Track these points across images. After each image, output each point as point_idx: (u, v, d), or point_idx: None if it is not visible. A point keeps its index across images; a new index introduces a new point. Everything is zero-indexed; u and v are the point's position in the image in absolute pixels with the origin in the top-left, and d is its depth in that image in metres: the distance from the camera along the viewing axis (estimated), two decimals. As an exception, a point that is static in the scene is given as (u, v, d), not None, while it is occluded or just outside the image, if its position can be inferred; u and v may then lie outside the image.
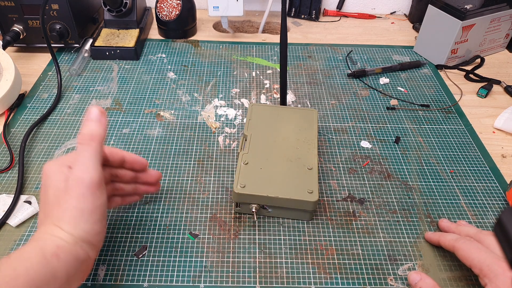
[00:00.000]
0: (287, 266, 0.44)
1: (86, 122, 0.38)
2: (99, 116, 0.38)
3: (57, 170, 0.37)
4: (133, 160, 0.44)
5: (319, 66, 0.75)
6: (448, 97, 0.68)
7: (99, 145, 0.37)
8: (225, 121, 0.62)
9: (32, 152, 0.55)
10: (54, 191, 0.36)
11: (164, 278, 0.42)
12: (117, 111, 0.63)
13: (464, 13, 0.68)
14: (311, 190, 0.45)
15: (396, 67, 0.74)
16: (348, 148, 0.58)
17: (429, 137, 0.60)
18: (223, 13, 0.78)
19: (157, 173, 0.47)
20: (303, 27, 0.88)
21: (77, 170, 0.36)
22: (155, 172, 0.47)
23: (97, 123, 0.38)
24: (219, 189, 0.51)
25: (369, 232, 0.47)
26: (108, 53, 0.73)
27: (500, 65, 0.78)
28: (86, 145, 0.37)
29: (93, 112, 0.38)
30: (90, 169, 0.36)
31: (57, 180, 0.36)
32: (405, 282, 0.43)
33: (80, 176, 0.35)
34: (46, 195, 0.37)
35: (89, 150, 0.37)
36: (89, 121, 0.38)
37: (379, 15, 0.94)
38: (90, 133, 0.37)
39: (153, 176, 0.46)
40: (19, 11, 0.69)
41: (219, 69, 0.73)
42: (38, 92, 0.66)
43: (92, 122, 0.37)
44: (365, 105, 0.66)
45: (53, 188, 0.36)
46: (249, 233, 0.47)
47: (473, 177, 0.54)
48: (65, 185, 0.36)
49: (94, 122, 0.38)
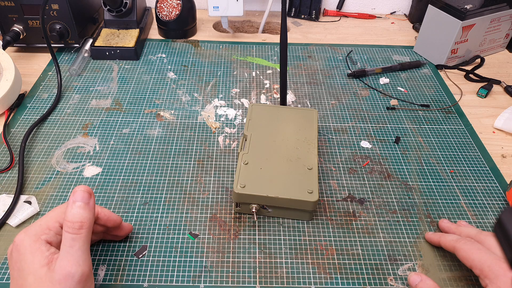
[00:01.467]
0: (287, 266, 0.44)
1: (73, 205, 0.34)
2: (87, 199, 0.34)
3: (35, 248, 0.33)
4: (107, 218, 0.40)
5: (319, 66, 0.75)
6: (448, 97, 0.68)
7: (89, 232, 0.34)
8: (225, 121, 0.62)
9: (32, 152, 0.55)
10: (34, 279, 0.32)
11: (164, 278, 0.42)
12: (117, 111, 0.63)
13: (464, 13, 0.68)
14: (311, 190, 0.45)
15: (396, 67, 0.74)
16: (348, 148, 0.58)
17: (429, 137, 0.60)
18: (223, 13, 0.78)
19: (128, 227, 0.44)
20: (303, 27, 0.88)
21: (66, 264, 0.32)
22: (127, 226, 0.44)
23: (85, 208, 0.34)
24: (219, 189, 0.51)
25: (369, 232, 0.47)
26: (108, 53, 0.73)
27: (500, 65, 0.78)
28: (75, 234, 0.33)
29: (79, 195, 0.34)
30: (80, 262, 0.33)
31: (37, 263, 0.32)
32: (405, 282, 0.43)
33: (69, 270, 0.32)
34: (23, 280, 0.32)
35: (79, 240, 0.33)
36: (76, 205, 0.34)
37: (379, 15, 0.94)
38: (79, 220, 0.33)
39: (124, 230, 0.44)
40: (19, 11, 0.69)
41: (219, 69, 0.73)
42: (38, 92, 0.66)
43: (80, 207, 0.34)
44: (365, 105, 0.66)
45: (33, 275, 0.32)
46: (249, 233, 0.47)
47: (473, 177, 0.54)
48: (48, 274, 0.32)
49: (82, 206, 0.34)
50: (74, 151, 0.56)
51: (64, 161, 0.54)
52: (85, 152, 0.56)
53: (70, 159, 0.54)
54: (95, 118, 0.61)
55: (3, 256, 0.43)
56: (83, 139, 0.58)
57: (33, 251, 0.33)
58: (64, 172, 0.53)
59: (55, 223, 0.35)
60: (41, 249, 0.33)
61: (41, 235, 0.34)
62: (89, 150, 0.56)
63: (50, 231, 0.35)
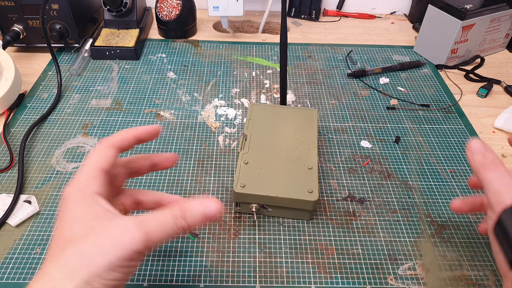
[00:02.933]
0: (287, 266, 0.43)
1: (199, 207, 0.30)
2: (212, 216, 0.30)
3: (85, 202, 0.30)
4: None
5: (319, 66, 0.75)
6: (448, 97, 0.68)
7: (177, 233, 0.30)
8: (225, 121, 0.62)
9: (32, 152, 0.55)
10: (81, 226, 0.29)
11: (164, 278, 0.42)
12: (117, 111, 0.63)
13: (464, 13, 0.68)
14: (311, 189, 0.45)
15: (396, 67, 0.74)
16: (348, 148, 0.58)
17: (429, 137, 0.60)
18: (223, 13, 0.78)
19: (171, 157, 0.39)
20: (303, 27, 0.88)
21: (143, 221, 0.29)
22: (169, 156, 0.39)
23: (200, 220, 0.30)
24: (219, 189, 0.51)
25: (369, 232, 0.47)
26: (108, 53, 0.73)
27: (500, 65, 0.78)
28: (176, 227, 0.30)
29: (214, 207, 0.30)
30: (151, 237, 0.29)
31: (88, 214, 0.30)
32: (405, 281, 0.42)
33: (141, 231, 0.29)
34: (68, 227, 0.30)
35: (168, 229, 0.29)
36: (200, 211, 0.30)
37: (379, 15, 0.94)
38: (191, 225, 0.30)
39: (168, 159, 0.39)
40: (19, 11, 0.69)
41: (219, 69, 0.73)
42: (38, 92, 0.66)
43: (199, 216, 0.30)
44: (365, 105, 0.66)
45: (79, 222, 0.29)
46: (249, 232, 0.47)
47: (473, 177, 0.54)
48: (104, 223, 0.29)
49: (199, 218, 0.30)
50: (74, 151, 0.56)
51: (64, 160, 0.54)
52: (85, 151, 0.56)
53: (70, 159, 0.54)
54: (95, 118, 0.61)
55: (3, 256, 0.43)
56: (83, 139, 0.58)
57: (83, 203, 0.30)
58: (64, 171, 0.53)
59: (98, 171, 0.32)
60: (91, 202, 0.30)
61: (89, 187, 0.31)
62: (89, 149, 0.56)
63: (96, 180, 0.32)
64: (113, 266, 0.28)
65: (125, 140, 0.35)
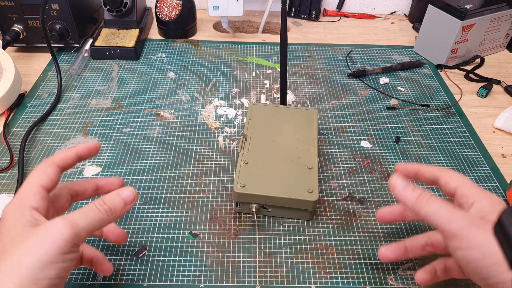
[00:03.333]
0: (287, 266, 0.43)
1: (118, 195, 0.34)
2: (129, 202, 0.34)
3: (18, 214, 0.31)
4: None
5: (319, 66, 0.75)
6: (448, 97, 0.68)
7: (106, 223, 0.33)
8: (225, 121, 0.62)
9: (32, 151, 0.55)
10: (12, 236, 0.30)
11: (164, 278, 0.42)
12: (117, 111, 0.63)
13: (464, 13, 0.68)
14: (311, 189, 0.45)
15: (396, 67, 0.74)
16: (348, 148, 0.58)
17: (429, 137, 0.60)
18: (223, 13, 0.78)
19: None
20: (303, 27, 0.88)
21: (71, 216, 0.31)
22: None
23: (124, 207, 0.34)
24: (219, 189, 0.51)
25: (369, 232, 0.47)
26: (108, 53, 0.73)
27: (500, 65, 0.78)
28: (100, 212, 0.32)
29: (130, 195, 0.34)
30: (80, 229, 0.31)
31: (19, 224, 0.30)
32: (405, 281, 0.42)
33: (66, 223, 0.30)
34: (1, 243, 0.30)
35: (97, 217, 0.32)
36: (120, 198, 0.34)
37: (379, 15, 0.94)
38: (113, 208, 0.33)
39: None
40: (19, 11, 0.69)
41: (219, 69, 0.73)
42: (38, 92, 0.66)
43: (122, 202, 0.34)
44: (365, 105, 0.66)
45: (11, 234, 0.30)
46: (249, 232, 0.47)
47: (473, 177, 0.54)
48: (33, 229, 0.30)
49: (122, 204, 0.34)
50: (74, 151, 0.56)
51: (64, 161, 0.54)
52: (85, 152, 0.56)
53: (70, 159, 0.54)
54: (95, 118, 0.61)
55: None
56: (83, 139, 0.58)
57: (17, 216, 0.31)
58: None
59: (37, 187, 0.33)
60: (25, 213, 0.31)
61: (25, 202, 0.32)
62: (89, 150, 0.56)
63: (34, 196, 0.33)
64: (45, 263, 0.28)
65: (67, 158, 0.37)
